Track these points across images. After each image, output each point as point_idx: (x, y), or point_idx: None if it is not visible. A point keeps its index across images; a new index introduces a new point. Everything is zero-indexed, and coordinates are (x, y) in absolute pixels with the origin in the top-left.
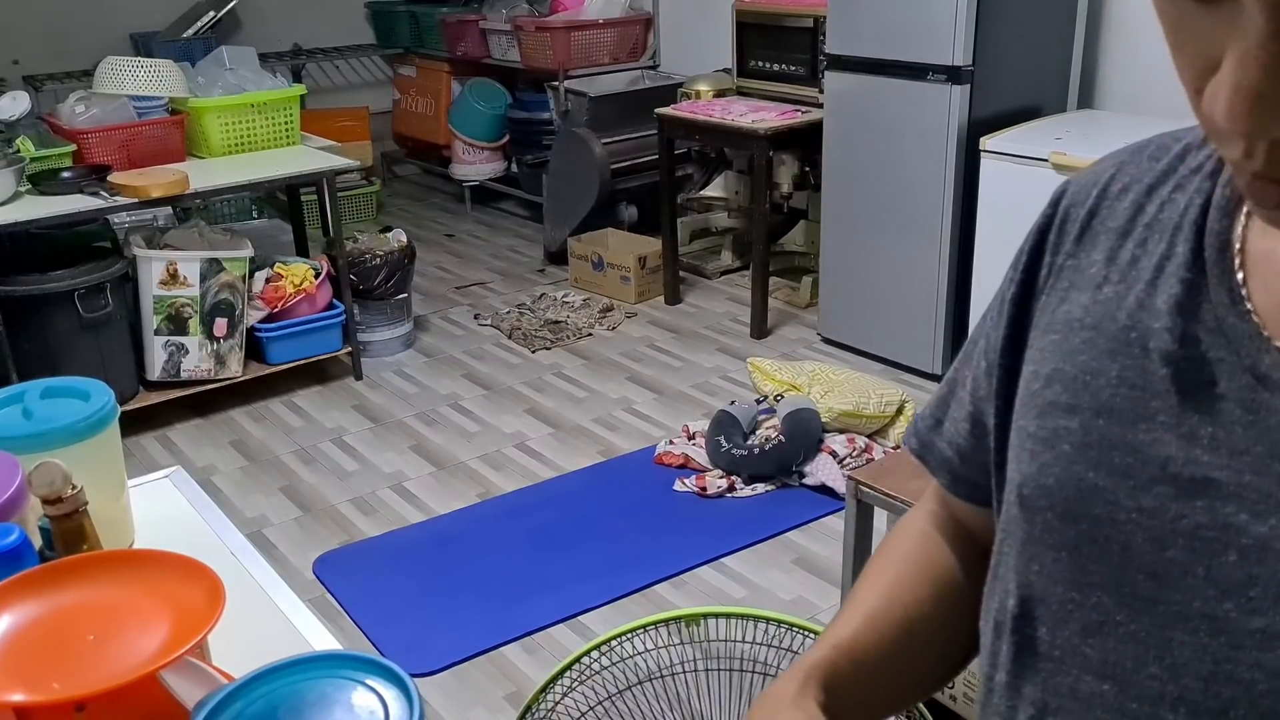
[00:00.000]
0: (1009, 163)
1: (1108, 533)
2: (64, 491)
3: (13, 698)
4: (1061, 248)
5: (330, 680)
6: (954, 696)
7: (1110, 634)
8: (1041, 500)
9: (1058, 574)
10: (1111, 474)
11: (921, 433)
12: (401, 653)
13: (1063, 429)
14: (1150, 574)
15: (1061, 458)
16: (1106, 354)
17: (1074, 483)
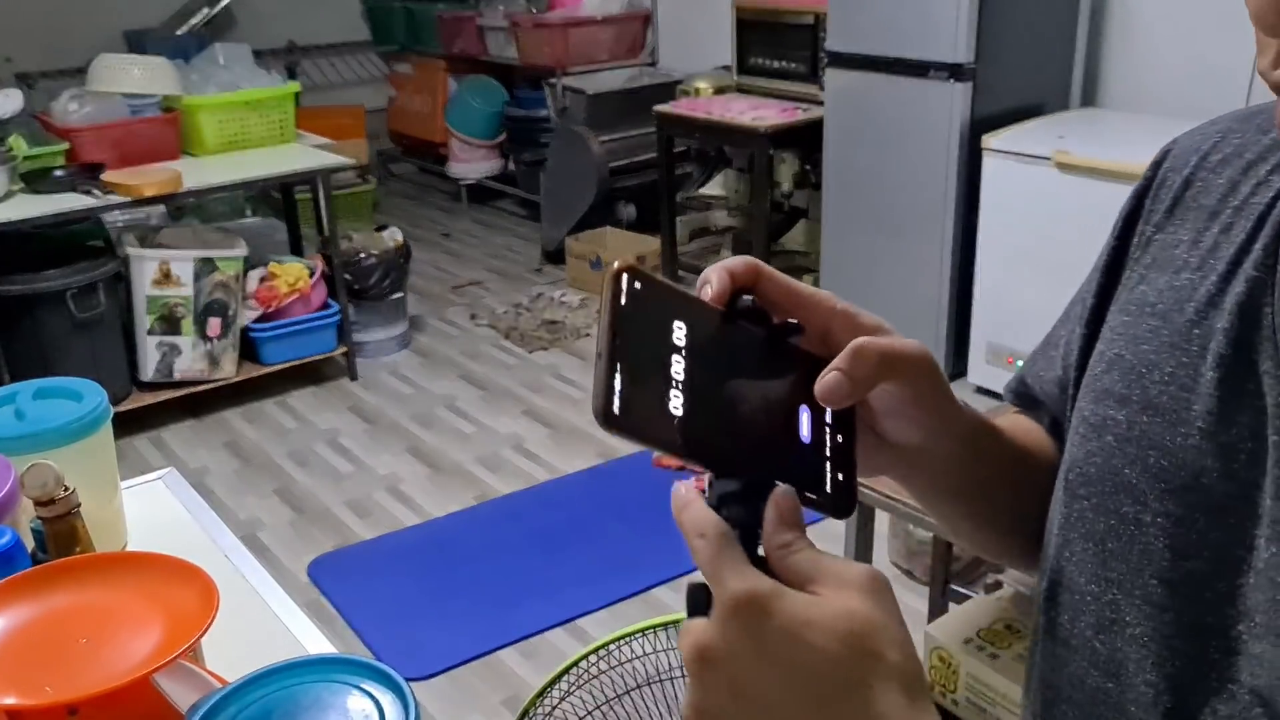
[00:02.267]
0: (1011, 161)
1: (1133, 532)
2: (56, 493)
3: (5, 701)
4: (1154, 217)
5: (325, 684)
6: (955, 700)
7: (1119, 633)
8: (1081, 488)
9: (1084, 564)
10: (1146, 473)
11: (1014, 384)
12: (397, 657)
13: (1111, 419)
14: (1167, 582)
15: (1105, 449)
16: (1167, 347)
17: (1111, 476)
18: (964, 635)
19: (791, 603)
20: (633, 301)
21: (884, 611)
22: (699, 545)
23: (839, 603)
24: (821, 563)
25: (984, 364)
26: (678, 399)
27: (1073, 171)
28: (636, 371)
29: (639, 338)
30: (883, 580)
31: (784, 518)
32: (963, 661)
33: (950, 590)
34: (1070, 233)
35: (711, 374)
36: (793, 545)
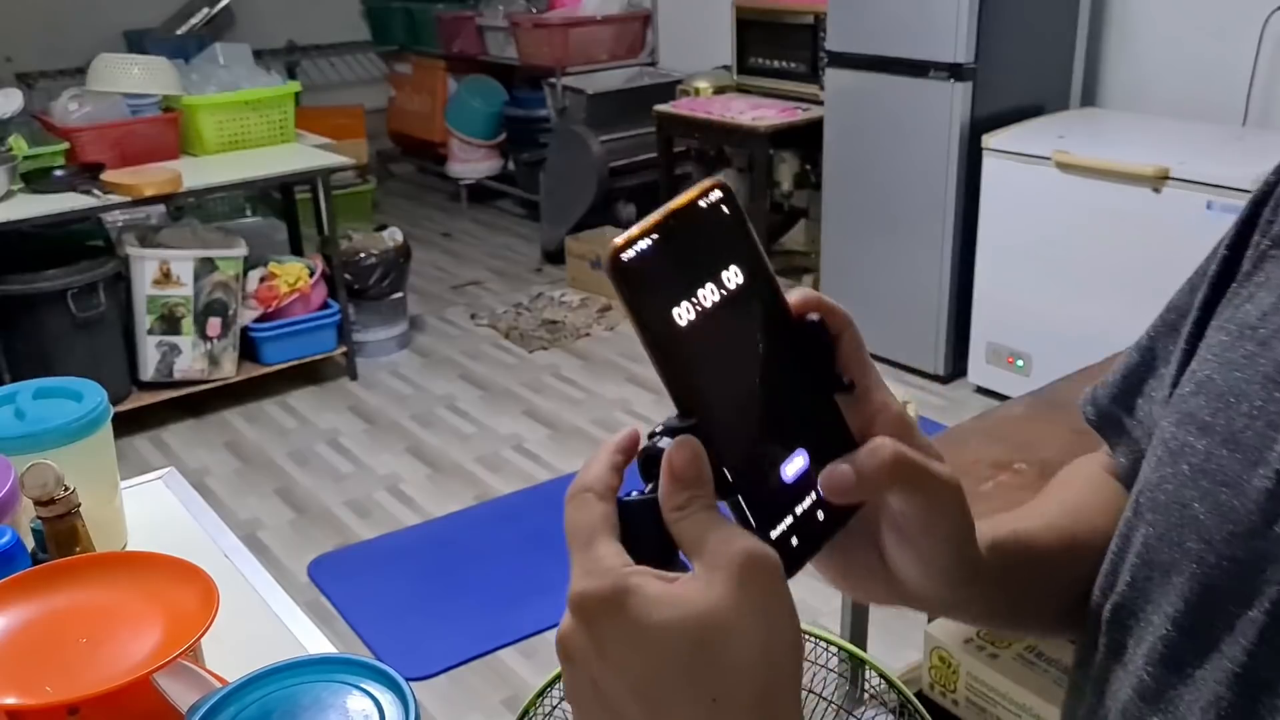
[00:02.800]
0: (1011, 161)
1: (1194, 570)
2: (56, 493)
3: (5, 701)
4: (1272, 229)
5: (325, 684)
6: (955, 700)
7: (1172, 669)
8: (1149, 513)
9: (1147, 592)
10: (1215, 512)
11: (1102, 402)
12: (397, 656)
13: (1189, 447)
14: (1226, 627)
15: (1178, 477)
16: (1261, 378)
17: (1179, 508)
18: (964, 635)
19: (641, 601)
20: (708, 211)
21: (747, 608)
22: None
23: (696, 599)
24: (707, 535)
25: (984, 364)
26: (688, 314)
27: (1073, 171)
28: (669, 259)
29: (692, 241)
30: (759, 563)
31: (679, 474)
32: (963, 661)
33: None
34: (1070, 232)
35: (735, 338)
36: (686, 509)
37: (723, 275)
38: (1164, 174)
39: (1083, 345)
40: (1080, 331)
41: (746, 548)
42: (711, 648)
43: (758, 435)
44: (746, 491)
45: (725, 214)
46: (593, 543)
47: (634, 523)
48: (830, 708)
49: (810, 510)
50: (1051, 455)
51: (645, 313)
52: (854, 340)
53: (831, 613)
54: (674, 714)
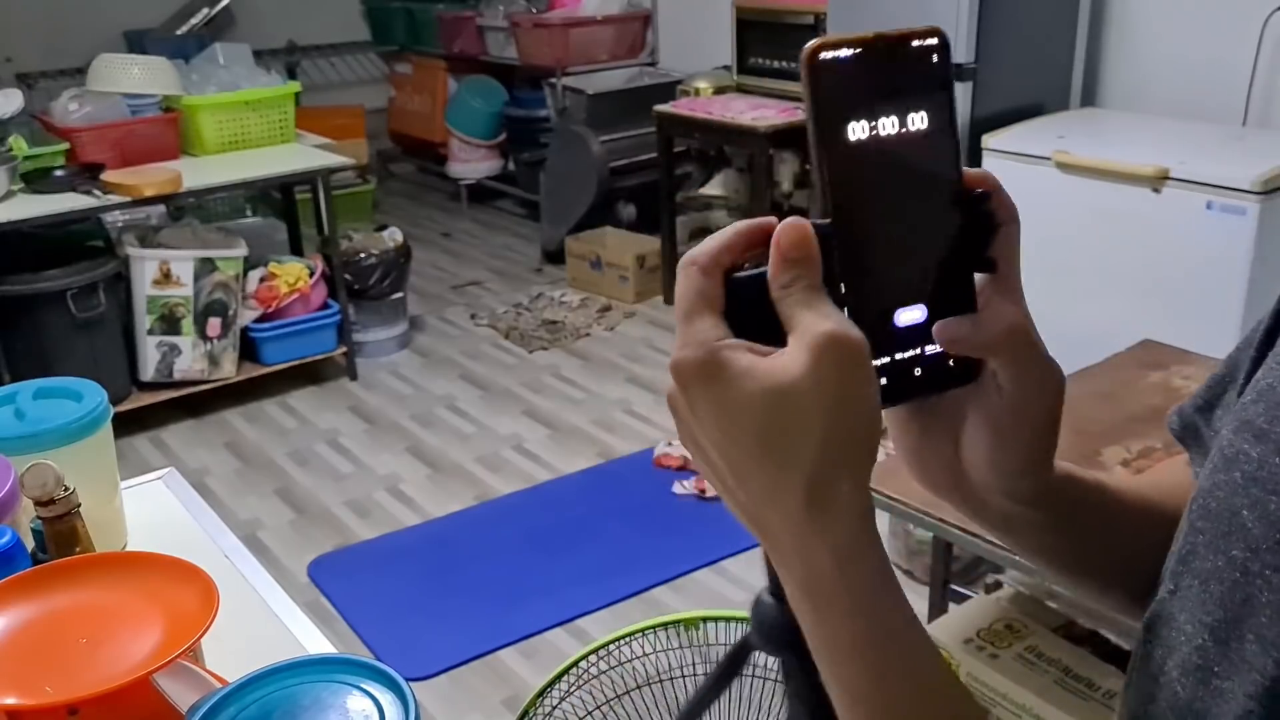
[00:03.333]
0: (1011, 161)
1: (1238, 579)
2: (56, 493)
3: (5, 701)
4: None
5: (325, 684)
6: None
7: (1204, 682)
8: (1199, 521)
9: (1186, 601)
10: (1263, 520)
11: (1186, 413)
12: (397, 657)
13: (1243, 455)
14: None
15: (1230, 484)
16: None
17: (1229, 515)
18: (964, 635)
19: (727, 374)
20: (917, 52)
21: (824, 384)
22: (677, 294)
23: (777, 373)
24: (803, 313)
25: None
26: (862, 131)
27: (1073, 171)
28: (863, 76)
29: (891, 71)
30: (842, 343)
31: (785, 251)
32: (963, 661)
33: (950, 590)
34: (1070, 233)
35: (898, 174)
36: (791, 287)
37: (909, 115)
38: (1164, 174)
39: (1083, 345)
40: (1080, 331)
41: (833, 328)
42: (782, 418)
43: (886, 270)
44: (855, 308)
45: (933, 63)
46: (691, 315)
47: (739, 297)
48: None
49: (911, 362)
50: None
51: (822, 114)
52: (1012, 236)
53: None
54: (747, 473)
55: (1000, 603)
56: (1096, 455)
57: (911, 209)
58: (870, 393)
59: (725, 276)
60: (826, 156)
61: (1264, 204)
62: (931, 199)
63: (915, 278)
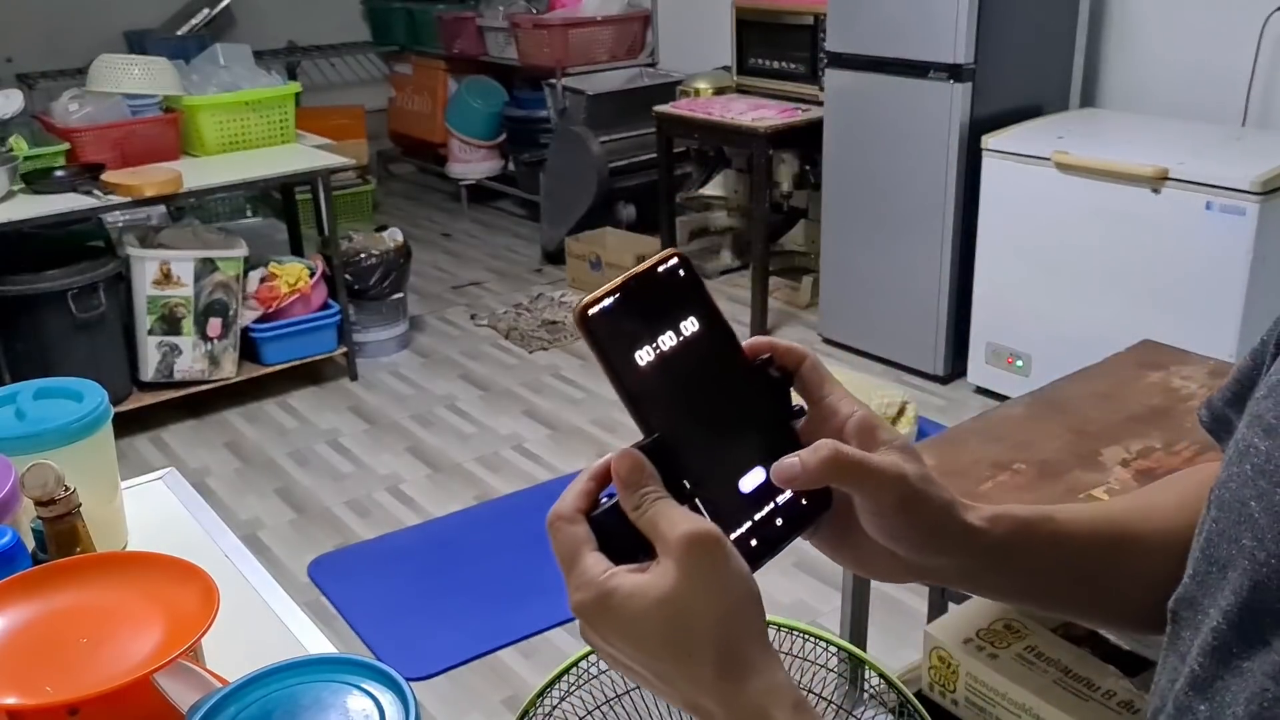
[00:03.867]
0: (1011, 161)
1: (1247, 566)
2: (57, 493)
3: (6, 701)
4: None
5: (325, 684)
6: (955, 701)
7: (1220, 661)
8: (1215, 510)
9: (1206, 585)
10: (1269, 512)
11: (1216, 406)
12: (397, 656)
13: (1253, 448)
14: (1274, 623)
15: (1241, 476)
16: None
17: (1239, 505)
18: (964, 635)
19: (618, 600)
20: (665, 275)
21: (698, 582)
22: (556, 550)
23: (658, 584)
24: (658, 524)
25: (983, 364)
26: (649, 355)
27: (1072, 172)
28: (631, 313)
29: (651, 299)
30: (700, 540)
31: (624, 479)
32: (962, 661)
33: (950, 590)
34: (1070, 233)
35: (692, 375)
36: (641, 506)
37: (680, 325)
38: (1163, 174)
39: (1082, 345)
40: (1080, 332)
41: (687, 530)
42: (676, 620)
43: (714, 453)
44: (704, 498)
45: (682, 276)
46: (574, 560)
47: (605, 531)
48: (830, 708)
49: (769, 517)
50: (1051, 455)
51: (610, 356)
52: (814, 366)
53: (831, 613)
54: (668, 674)
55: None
56: (1096, 455)
57: (714, 396)
58: (737, 567)
59: (588, 518)
60: (626, 388)
61: (1263, 204)
62: (727, 380)
63: (743, 448)
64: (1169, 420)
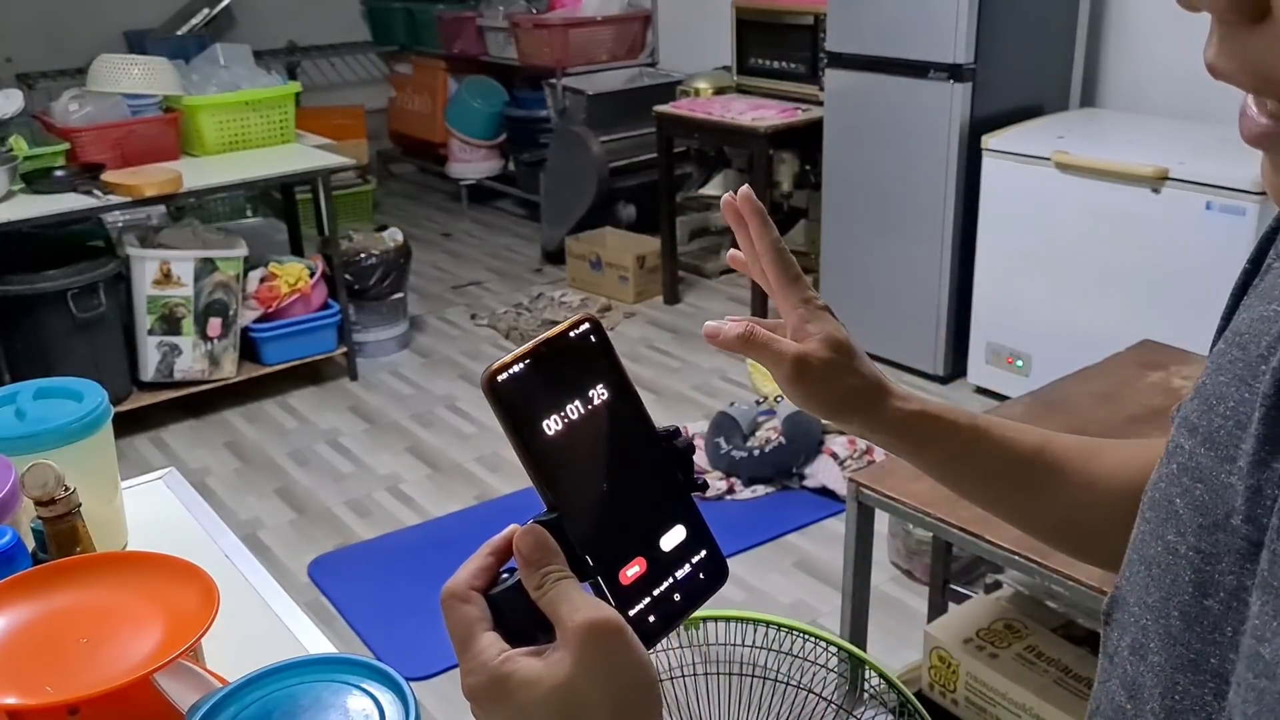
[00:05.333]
0: (1011, 161)
1: (1169, 561)
2: (57, 493)
3: (6, 701)
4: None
5: (325, 684)
6: (955, 700)
7: (1142, 658)
8: (1147, 510)
9: (1134, 585)
10: (1190, 505)
11: None
12: (397, 656)
13: (1179, 448)
14: (1185, 615)
15: (1169, 476)
16: (1238, 380)
17: (1165, 503)
18: (963, 635)
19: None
20: (577, 340)
21: (597, 672)
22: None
23: (556, 673)
24: (560, 609)
25: (983, 364)
26: (555, 425)
27: (1072, 172)
28: (539, 380)
29: (561, 365)
30: (601, 629)
31: (526, 557)
32: (962, 661)
33: (950, 590)
34: (1070, 233)
35: (597, 445)
36: (542, 587)
37: (589, 393)
38: (1163, 174)
39: (1082, 345)
40: (1080, 332)
41: (588, 618)
42: (571, 711)
43: (617, 528)
44: (605, 574)
45: (593, 342)
46: (467, 641)
47: (503, 609)
48: (830, 708)
49: (667, 592)
50: None
51: (515, 425)
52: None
53: (831, 612)
54: None
55: (1000, 603)
56: None
57: (619, 468)
58: (636, 656)
59: (486, 596)
60: (532, 458)
61: (1263, 204)
62: (632, 452)
63: (646, 523)
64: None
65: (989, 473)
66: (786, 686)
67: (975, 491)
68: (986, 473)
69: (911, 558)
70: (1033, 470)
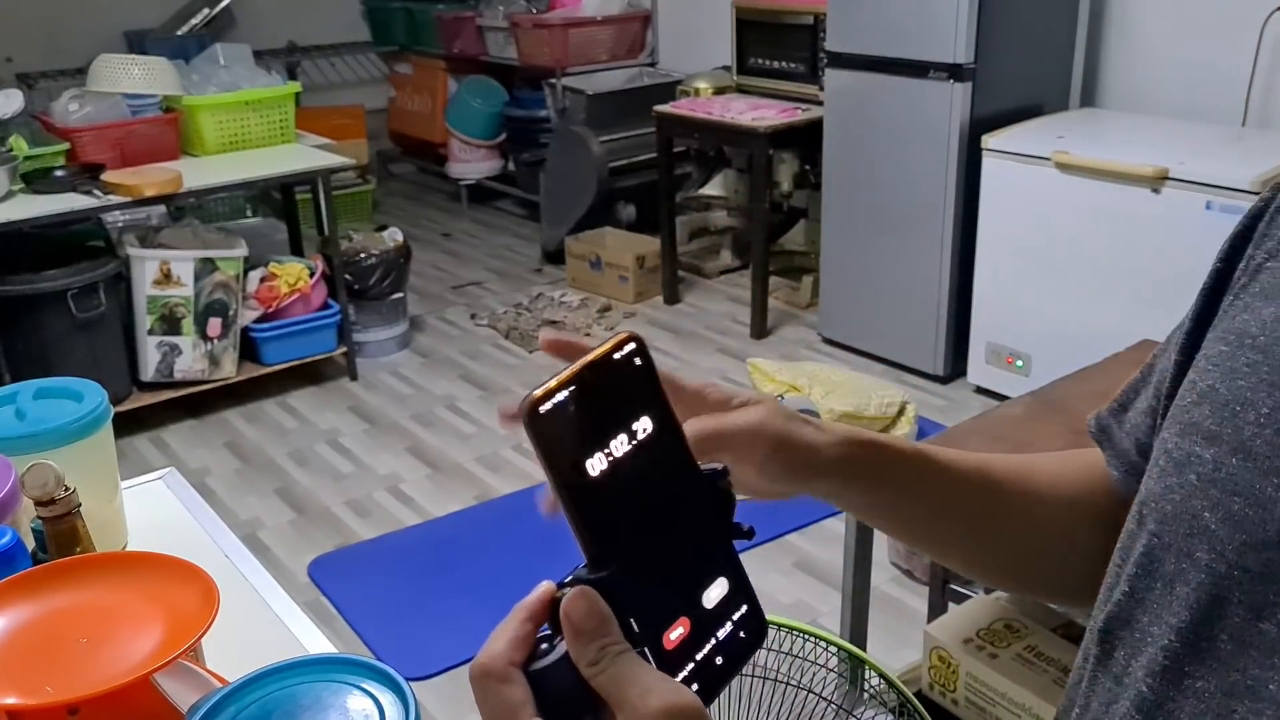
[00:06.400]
0: (1011, 161)
1: (1203, 580)
2: (57, 493)
3: (6, 701)
4: (1266, 242)
5: (325, 684)
6: (955, 700)
7: (1173, 682)
8: (1154, 524)
9: (1149, 603)
10: (1227, 521)
11: (1103, 416)
12: (397, 656)
13: (1196, 457)
14: (1236, 639)
15: (1185, 486)
16: (1266, 385)
17: (1189, 518)
18: (963, 635)
19: None
20: (621, 363)
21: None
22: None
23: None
24: (626, 691)
25: (983, 364)
26: (600, 464)
27: (1072, 171)
28: (585, 411)
29: (606, 393)
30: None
31: (579, 628)
32: (962, 661)
33: (950, 590)
34: (1069, 233)
35: (644, 489)
36: (599, 663)
37: (634, 425)
38: (1163, 174)
39: (1082, 345)
40: (1080, 332)
41: (666, 704)
42: None
43: (665, 588)
44: (651, 640)
45: (638, 365)
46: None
47: (547, 689)
48: (830, 708)
49: (709, 656)
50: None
51: (560, 464)
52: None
53: (831, 612)
54: None
55: (1000, 602)
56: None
57: (665, 517)
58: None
59: (525, 673)
60: (575, 503)
61: None
62: (677, 495)
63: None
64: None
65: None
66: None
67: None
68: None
69: (911, 557)
70: (980, 495)
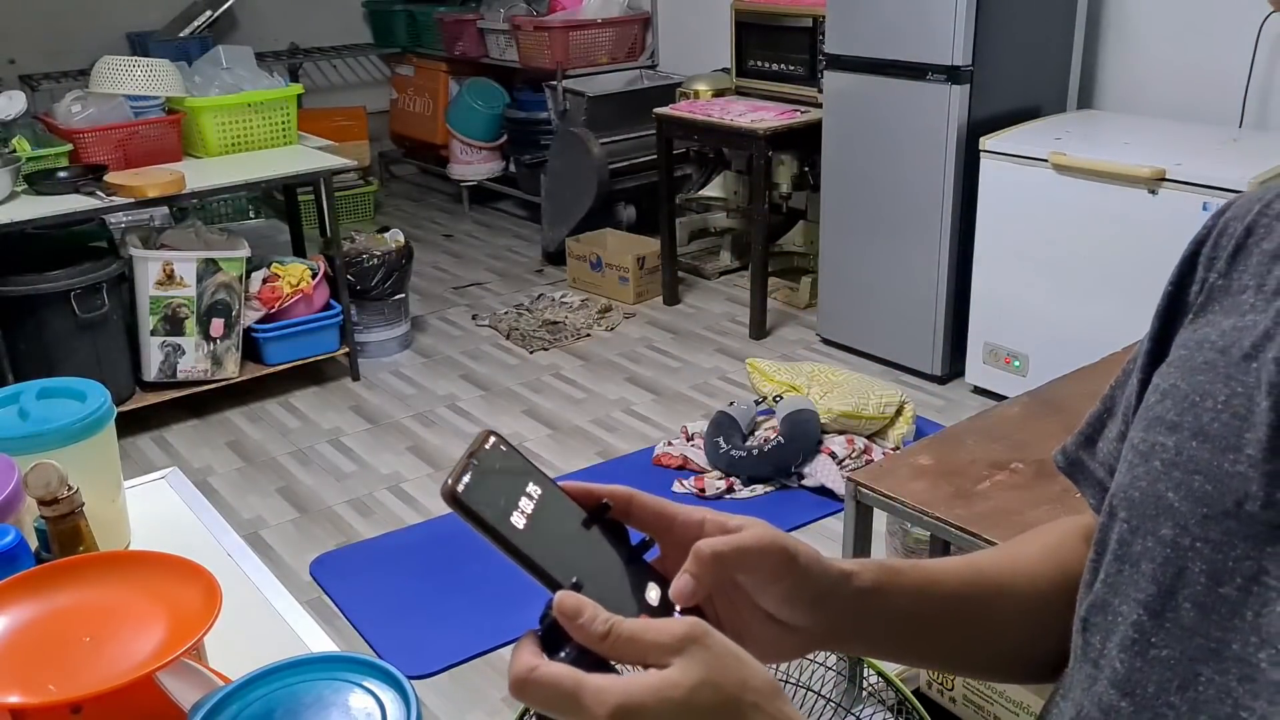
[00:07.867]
0: (1009, 163)
1: (1169, 554)
2: (60, 492)
3: (9, 699)
4: (1216, 264)
5: (327, 682)
6: (953, 699)
7: (1141, 653)
8: (1122, 511)
9: (1117, 585)
10: (1188, 498)
11: (1070, 450)
12: (398, 655)
13: (1159, 445)
14: (1198, 605)
15: (1150, 473)
16: (1223, 378)
17: (1154, 500)
18: None
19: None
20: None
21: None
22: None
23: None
24: (644, 638)
25: (981, 364)
26: (522, 517)
27: (1070, 173)
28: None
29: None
30: (694, 631)
31: (573, 615)
32: None
33: None
34: (1067, 234)
35: (559, 528)
36: (608, 636)
37: (528, 489)
38: (1160, 176)
39: (1080, 346)
40: (1077, 332)
41: (683, 627)
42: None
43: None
44: None
45: (504, 450)
46: (578, 690)
47: None
48: (829, 706)
49: None
50: (1048, 455)
51: (494, 524)
52: (642, 500)
53: None
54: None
55: None
56: None
57: (584, 545)
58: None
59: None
60: (518, 550)
61: None
62: (584, 530)
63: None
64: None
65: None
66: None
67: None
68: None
69: (910, 556)
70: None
